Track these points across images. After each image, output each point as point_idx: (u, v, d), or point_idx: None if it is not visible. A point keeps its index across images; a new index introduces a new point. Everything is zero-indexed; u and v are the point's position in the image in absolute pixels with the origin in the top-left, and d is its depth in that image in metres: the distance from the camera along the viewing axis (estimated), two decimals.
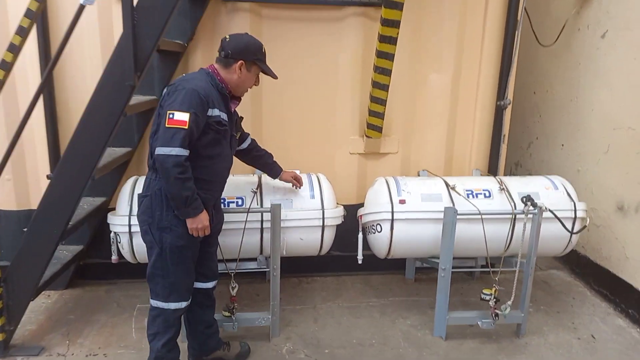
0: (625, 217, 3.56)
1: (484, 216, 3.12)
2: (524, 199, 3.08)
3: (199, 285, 2.71)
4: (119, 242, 3.07)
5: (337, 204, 3.42)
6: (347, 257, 3.71)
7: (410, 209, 3.23)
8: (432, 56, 3.78)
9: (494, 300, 3.08)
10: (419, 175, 3.90)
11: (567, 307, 3.63)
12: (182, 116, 2.24)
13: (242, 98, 2.64)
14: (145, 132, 3.56)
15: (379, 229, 3.29)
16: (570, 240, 3.35)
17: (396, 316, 3.48)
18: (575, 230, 3.29)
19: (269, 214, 2.96)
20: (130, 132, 3.51)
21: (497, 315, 3.09)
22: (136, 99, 3.12)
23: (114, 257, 3.10)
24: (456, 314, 3.22)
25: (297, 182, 3.14)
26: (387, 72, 3.44)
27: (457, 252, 3.18)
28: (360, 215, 3.37)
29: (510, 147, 4.45)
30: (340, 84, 3.74)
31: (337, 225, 3.30)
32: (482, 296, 3.12)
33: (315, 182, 3.35)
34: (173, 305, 2.51)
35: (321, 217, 3.21)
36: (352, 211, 3.50)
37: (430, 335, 3.25)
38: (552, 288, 3.93)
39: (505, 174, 4.12)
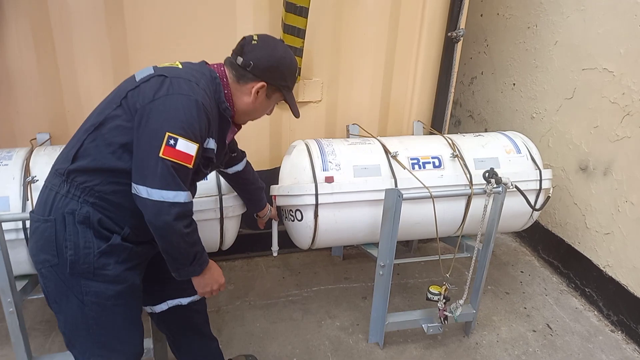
0: (589, 179, 3.00)
1: (435, 197, 2.37)
2: (487, 174, 2.35)
3: (175, 303, 1.93)
4: None
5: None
6: (260, 235, 2.91)
7: (340, 189, 2.39)
8: None
9: (443, 301, 2.45)
10: (348, 131, 3.04)
11: (516, 285, 3.13)
12: (189, 148, 1.48)
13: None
14: None
15: (298, 217, 2.45)
16: (531, 216, 2.74)
17: (322, 315, 2.77)
18: (538, 206, 2.67)
19: None
20: None
21: (446, 318, 2.48)
22: None
23: None
24: (396, 317, 2.56)
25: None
26: None
27: (400, 236, 2.45)
28: (274, 196, 2.49)
29: None
30: (238, 4, 2.64)
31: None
32: (429, 296, 2.46)
33: None
34: None
35: (218, 206, 2.30)
36: (265, 178, 2.61)
37: (365, 341, 2.60)
38: (497, 258, 3.42)
39: None
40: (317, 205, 2.38)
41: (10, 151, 2.17)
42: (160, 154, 1.43)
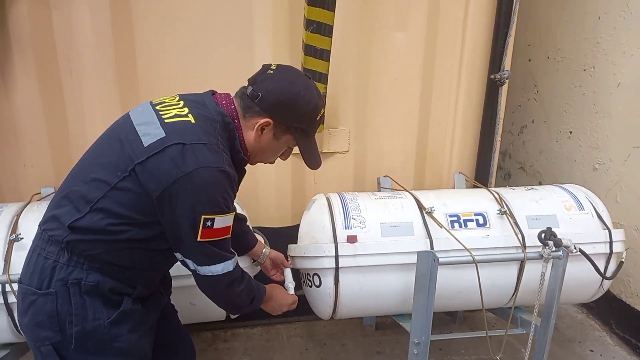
0: None
1: (479, 262, 1.98)
2: (544, 235, 1.95)
3: None
4: None
5: (256, 232, 2.24)
6: None
7: (365, 251, 2.06)
8: (394, 8, 2.54)
9: None
10: (378, 184, 2.72)
11: None
12: (226, 221, 1.39)
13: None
14: None
15: (316, 282, 2.11)
16: (601, 285, 2.27)
17: None
18: (610, 274, 2.21)
19: None
20: None
21: None
22: None
23: None
24: None
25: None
26: (326, 31, 2.21)
27: (436, 306, 2.05)
28: (290, 256, 2.18)
29: None
30: (257, 48, 2.46)
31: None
32: None
33: None
34: None
35: None
36: (286, 236, 2.35)
37: None
38: (559, 333, 2.88)
39: None
40: (337, 269, 2.05)
41: (2, 206, 2.01)
42: (199, 239, 1.34)
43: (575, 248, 1.95)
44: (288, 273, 2.05)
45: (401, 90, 2.67)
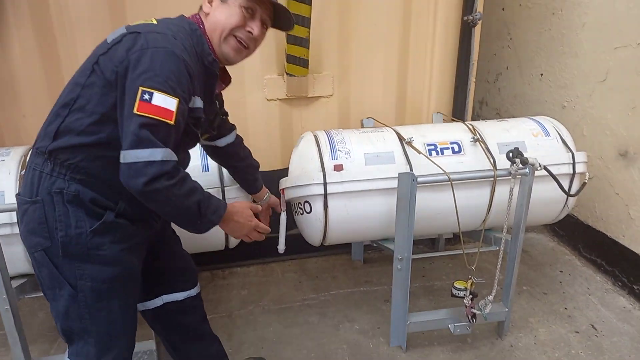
0: (631, 165, 2.73)
1: (454, 181, 2.18)
2: (511, 154, 2.14)
3: (171, 298, 1.83)
4: None
5: None
6: (275, 238, 2.76)
7: (350, 178, 2.24)
8: None
9: (470, 297, 2.22)
10: (362, 126, 2.90)
11: (555, 285, 2.84)
12: (168, 102, 1.33)
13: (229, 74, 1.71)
14: None
15: (307, 209, 2.30)
16: (566, 204, 2.50)
17: (340, 318, 2.58)
18: (573, 192, 2.43)
19: None
20: None
21: (474, 316, 2.24)
22: None
23: None
24: (419, 317, 2.35)
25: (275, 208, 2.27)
26: None
27: (418, 230, 2.26)
28: (282, 190, 2.35)
29: None
30: None
31: None
32: (454, 292, 2.25)
33: None
34: None
35: (220, 198, 2.18)
36: (276, 178, 2.49)
37: (386, 344, 2.39)
38: (533, 258, 3.14)
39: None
40: (325, 195, 2.23)
41: (9, 149, 2.15)
42: (135, 110, 1.30)
43: (540, 165, 2.15)
44: (283, 218, 2.23)
45: (381, 36, 2.82)
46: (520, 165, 2.12)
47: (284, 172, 2.67)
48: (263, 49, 2.66)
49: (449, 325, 2.30)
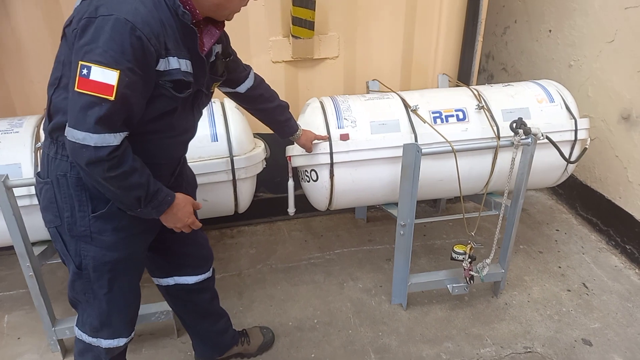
0: (632, 129, 2.76)
1: (457, 151, 2.22)
2: (514, 125, 2.18)
3: (182, 281, 1.90)
4: None
5: (257, 137, 2.46)
6: (282, 199, 2.84)
7: (356, 147, 2.29)
8: None
9: (469, 260, 2.33)
10: (367, 88, 2.90)
11: (551, 244, 2.96)
12: (107, 76, 1.21)
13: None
14: None
15: (314, 177, 2.37)
16: (566, 169, 2.56)
17: (345, 277, 2.72)
18: (574, 159, 2.48)
19: None
20: None
21: (472, 278, 2.37)
22: None
23: None
24: (419, 278, 2.47)
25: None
26: None
27: (420, 194, 2.34)
28: (289, 157, 2.41)
29: None
30: None
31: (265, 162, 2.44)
32: (453, 256, 2.35)
33: (219, 113, 2.31)
34: (105, 343, 1.70)
35: (230, 168, 2.24)
36: (282, 142, 2.53)
37: (388, 302, 2.53)
38: (531, 217, 3.24)
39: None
40: (332, 164, 2.29)
41: (22, 119, 2.17)
42: (75, 87, 1.21)
43: (542, 135, 2.19)
44: (290, 184, 2.35)
45: None
46: (523, 136, 2.16)
47: None
48: (268, 11, 2.65)
49: (448, 286, 2.43)
